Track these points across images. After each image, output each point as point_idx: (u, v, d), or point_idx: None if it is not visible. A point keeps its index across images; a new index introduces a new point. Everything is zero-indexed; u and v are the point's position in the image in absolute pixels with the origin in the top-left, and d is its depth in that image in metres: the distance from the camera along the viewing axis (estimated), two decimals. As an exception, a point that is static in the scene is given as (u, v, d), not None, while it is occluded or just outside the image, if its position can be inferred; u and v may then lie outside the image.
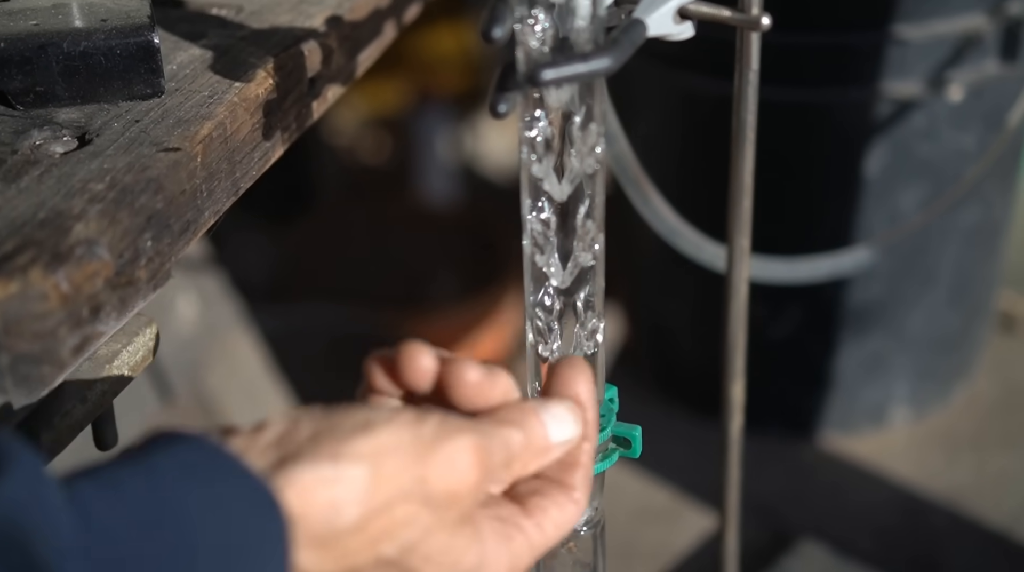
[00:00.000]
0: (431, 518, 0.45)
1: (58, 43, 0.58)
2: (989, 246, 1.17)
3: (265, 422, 0.45)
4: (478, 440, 0.46)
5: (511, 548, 0.48)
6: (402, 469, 0.45)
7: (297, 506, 0.43)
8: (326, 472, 0.43)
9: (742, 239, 0.72)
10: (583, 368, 0.50)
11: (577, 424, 0.49)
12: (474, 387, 0.48)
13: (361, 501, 0.44)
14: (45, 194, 0.53)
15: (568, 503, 0.49)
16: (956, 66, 1.03)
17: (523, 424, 0.48)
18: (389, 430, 0.45)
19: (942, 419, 1.21)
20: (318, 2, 0.70)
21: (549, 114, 0.51)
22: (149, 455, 0.42)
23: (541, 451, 0.48)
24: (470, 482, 0.46)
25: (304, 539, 0.43)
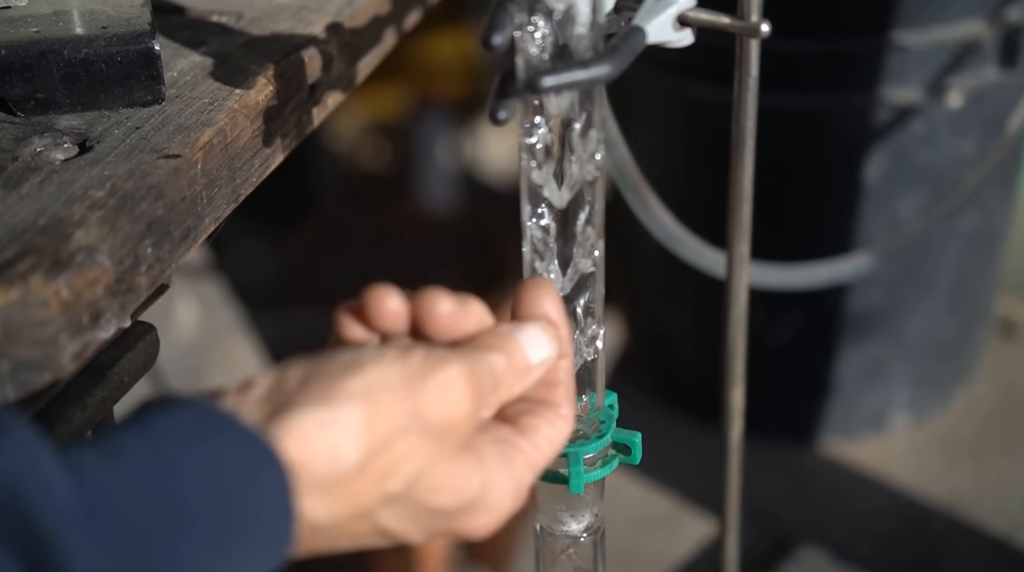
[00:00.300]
0: (432, 448, 0.46)
1: (59, 50, 0.58)
2: (989, 252, 1.17)
3: (252, 378, 0.45)
4: (466, 367, 0.46)
5: (513, 468, 0.48)
6: (396, 404, 0.45)
7: (296, 454, 0.43)
8: (321, 416, 0.43)
9: (742, 245, 0.72)
10: (549, 287, 0.51)
11: (553, 343, 0.50)
12: (448, 317, 0.48)
13: (360, 440, 0.44)
14: (46, 201, 0.53)
15: (557, 419, 0.50)
16: (955, 72, 1.03)
17: (503, 348, 0.48)
18: (378, 367, 0.45)
19: (942, 425, 1.21)
20: (318, 9, 0.70)
21: (549, 121, 0.51)
22: (145, 420, 0.42)
23: (523, 372, 0.49)
24: (465, 409, 0.46)
25: (308, 486, 0.43)
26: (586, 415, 0.55)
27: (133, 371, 0.56)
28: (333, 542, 0.46)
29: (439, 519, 0.47)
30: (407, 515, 0.46)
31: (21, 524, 0.38)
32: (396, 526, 0.46)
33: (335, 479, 0.44)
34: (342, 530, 0.45)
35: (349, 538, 0.46)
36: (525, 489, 0.49)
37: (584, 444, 0.55)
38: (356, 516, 0.45)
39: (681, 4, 0.56)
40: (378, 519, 0.46)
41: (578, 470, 0.54)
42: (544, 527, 0.57)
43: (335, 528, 0.45)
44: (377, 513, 0.46)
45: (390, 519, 0.46)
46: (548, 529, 0.57)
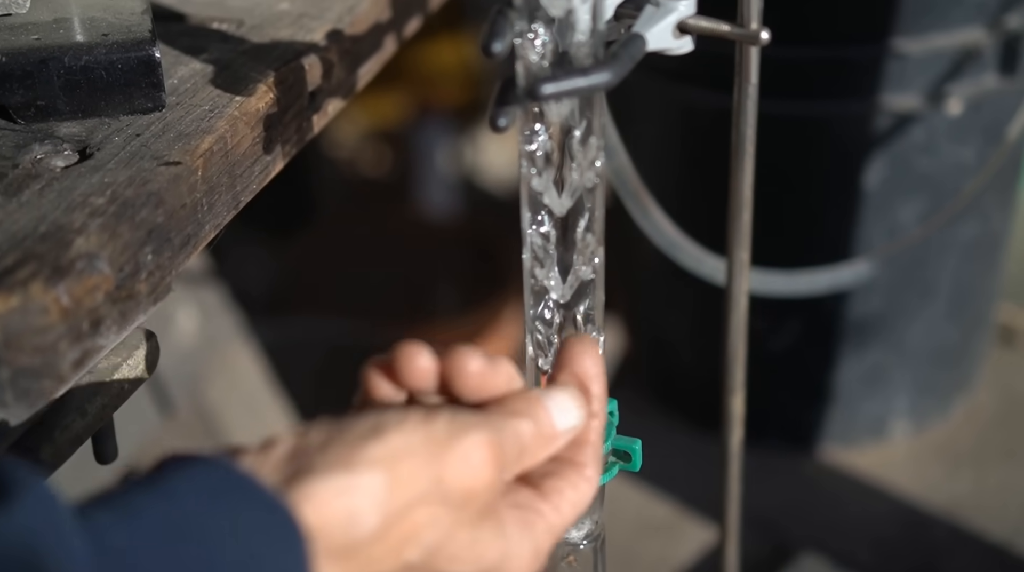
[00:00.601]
0: (452, 517, 0.45)
1: (59, 57, 0.59)
2: (988, 259, 1.17)
3: (274, 438, 0.45)
4: (490, 435, 0.46)
5: (533, 534, 0.48)
6: (417, 471, 0.44)
7: (315, 520, 0.43)
8: (341, 482, 0.43)
9: (742, 252, 0.72)
10: (591, 345, 0.51)
11: (581, 410, 0.49)
12: (477, 377, 0.48)
13: (379, 508, 0.43)
14: (46, 208, 0.53)
15: (581, 481, 0.49)
16: (955, 80, 1.03)
17: (531, 414, 0.48)
18: (400, 432, 0.45)
19: (942, 432, 1.20)
20: (319, 16, 0.70)
21: (549, 128, 0.51)
22: (163, 479, 0.42)
23: (549, 439, 0.48)
24: (486, 478, 0.46)
25: (325, 552, 0.43)
26: (586, 422, 0.55)
27: (133, 378, 0.56)
28: None
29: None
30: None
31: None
32: None
33: (353, 546, 0.43)
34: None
35: None
36: (544, 554, 0.48)
37: (584, 451, 0.54)
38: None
39: (681, 11, 0.56)
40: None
41: (578, 477, 0.54)
42: (544, 534, 0.57)
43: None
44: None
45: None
46: (548, 536, 0.57)
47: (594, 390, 0.50)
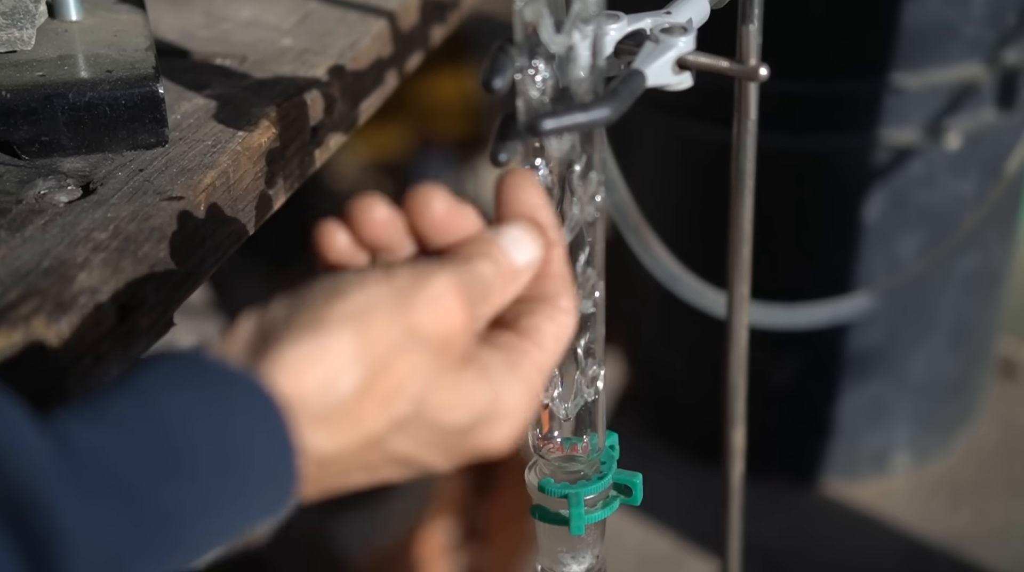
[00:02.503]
0: (432, 364, 0.44)
1: (64, 94, 0.59)
2: (988, 292, 1.17)
3: (235, 322, 0.44)
4: (455, 277, 0.45)
5: (521, 372, 0.47)
6: (387, 323, 0.43)
7: (291, 388, 0.41)
8: (310, 346, 0.42)
9: (742, 286, 0.73)
10: (528, 178, 0.49)
11: (537, 242, 0.48)
12: (442, 217, 0.47)
13: (355, 364, 0.42)
14: (49, 243, 0.53)
15: (558, 313, 0.48)
16: (954, 114, 1.04)
17: (489, 254, 0.47)
18: (362, 288, 0.44)
19: (944, 465, 1.20)
20: (321, 52, 0.71)
21: (549, 163, 0.51)
22: (130, 378, 0.41)
23: (511, 276, 0.47)
24: (458, 320, 0.45)
25: (308, 418, 0.42)
26: (587, 456, 0.55)
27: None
28: (346, 476, 0.44)
29: (455, 438, 0.45)
30: (421, 438, 0.44)
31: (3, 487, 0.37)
32: (412, 451, 0.45)
33: (335, 407, 0.42)
34: (353, 461, 0.44)
35: (363, 470, 0.44)
36: (538, 392, 0.47)
37: (585, 485, 0.55)
38: (366, 445, 0.43)
39: (680, 48, 0.56)
40: (391, 446, 0.44)
41: (579, 511, 0.54)
42: (545, 568, 0.57)
43: (345, 460, 0.43)
44: (388, 440, 0.44)
45: (403, 444, 0.44)
46: (549, 570, 0.57)
47: (543, 220, 0.49)
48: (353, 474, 0.44)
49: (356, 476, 0.45)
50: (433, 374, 0.44)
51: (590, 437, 0.55)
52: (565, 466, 0.55)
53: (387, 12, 0.75)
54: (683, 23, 0.57)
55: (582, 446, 0.55)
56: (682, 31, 0.56)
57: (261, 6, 0.76)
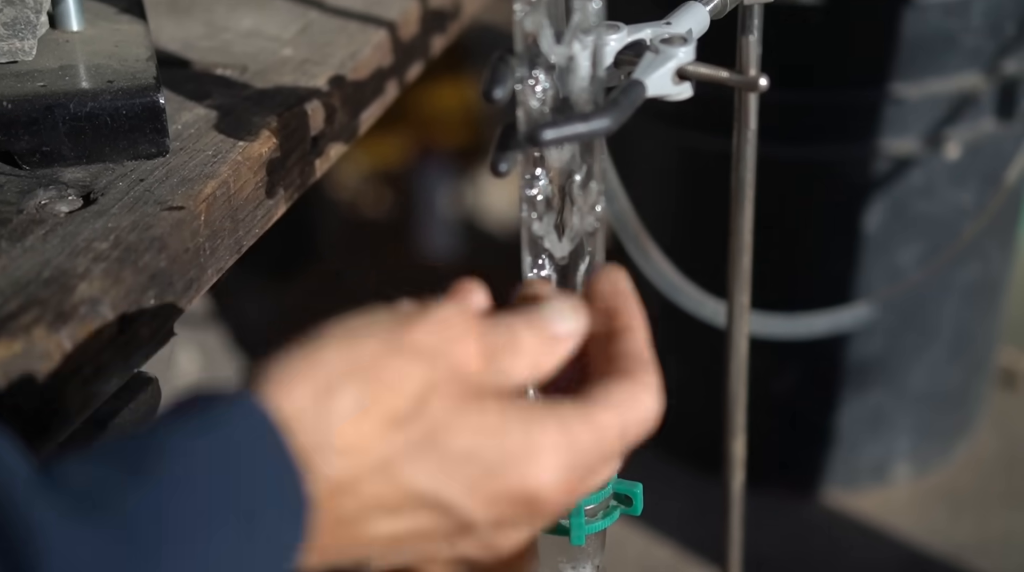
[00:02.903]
0: (440, 382, 0.42)
1: (65, 104, 0.59)
2: (988, 302, 1.17)
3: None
4: (465, 312, 0.44)
5: (569, 433, 0.43)
6: (382, 338, 0.42)
7: (285, 404, 0.40)
8: (299, 359, 0.41)
9: (742, 295, 0.73)
10: (615, 275, 0.49)
11: (579, 318, 0.47)
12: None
13: (348, 376, 0.41)
14: (50, 253, 0.53)
15: (633, 384, 0.46)
16: (953, 124, 1.04)
17: (524, 313, 0.46)
18: (362, 313, 0.43)
19: (944, 476, 1.20)
20: (321, 62, 0.71)
21: (550, 173, 0.51)
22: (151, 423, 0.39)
23: (548, 340, 0.45)
24: (468, 347, 0.43)
25: (307, 437, 0.40)
26: (587, 466, 0.55)
27: (134, 422, 0.56)
28: (367, 518, 0.41)
29: (484, 474, 0.42)
30: (441, 468, 0.42)
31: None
32: (434, 485, 0.42)
33: (335, 424, 0.40)
34: (369, 494, 0.41)
35: (385, 513, 0.41)
36: (611, 442, 0.45)
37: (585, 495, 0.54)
38: (377, 468, 0.41)
39: (680, 58, 0.56)
40: (408, 475, 0.41)
41: (579, 521, 0.54)
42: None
43: (359, 489, 0.41)
44: (402, 465, 0.41)
45: (422, 474, 0.41)
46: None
47: (621, 305, 0.48)
48: (375, 519, 0.42)
49: (379, 524, 0.42)
50: (443, 394, 0.42)
51: (590, 447, 0.55)
52: (565, 476, 0.55)
53: (387, 22, 0.75)
54: (683, 34, 0.57)
55: (582, 456, 0.55)
56: (682, 42, 0.56)
57: (262, 16, 0.76)
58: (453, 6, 0.81)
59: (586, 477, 0.44)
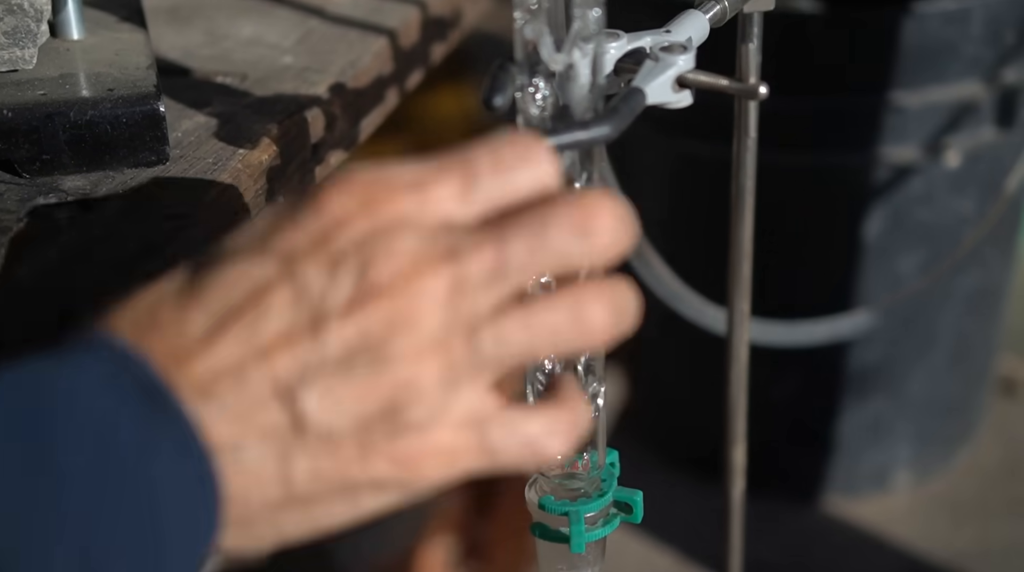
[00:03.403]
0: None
1: (65, 112, 0.59)
2: (989, 310, 1.17)
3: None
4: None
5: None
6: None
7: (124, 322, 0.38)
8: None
9: (742, 303, 0.73)
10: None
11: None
12: None
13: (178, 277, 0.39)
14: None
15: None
16: (953, 132, 1.04)
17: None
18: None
19: (945, 483, 1.20)
20: (322, 70, 0.71)
21: (550, 181, 0.51)
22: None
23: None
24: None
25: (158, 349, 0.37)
26: (587, 473, 0.55)
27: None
28: (253, 426, 0.37)
29: (366, 375, 0.37)
30: (314, 365, 0.37)
31: None
32: (318, 405, 0.37)
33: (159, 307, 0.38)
34: (247, 396, 0.37)
35: (264, 437, 0.37)
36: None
37: (585, 503, 0.54)
38: (251, 360, 0.37)
39: (680, 66, 0.56)
40: (281, 376, 0.37)
41: (579, 529, 0.54)
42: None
43: (234, 380, 0.37)
44: (275, 359, 0.37)
45: (289, 365, 0.37)
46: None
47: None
48: (263, 410, 0.37)
49: (267, 413, 0.37)
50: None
51: (590, 454, 0.55)
52: (565, 484, 0.55)
53: (388, 30, 0.75)
54: (683, 42, 0.57)
55: (582, 463, 0.55)
56: (682, 50, 0.56)
57: (262, 24, 0.76)
58: (453, 14, 0.81)
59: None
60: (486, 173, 0.41)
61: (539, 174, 0.41)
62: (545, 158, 0.42)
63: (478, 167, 0.41)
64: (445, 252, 0.39)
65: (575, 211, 0.40)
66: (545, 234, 0.40)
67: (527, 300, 0.40)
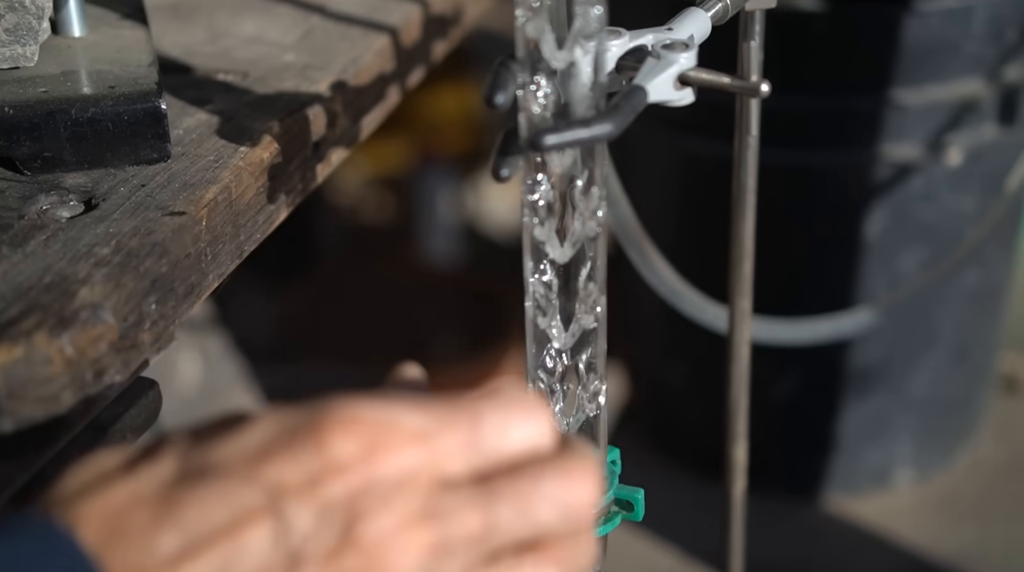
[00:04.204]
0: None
1: (66, 110, 0.59)
2: (990, 309, 1.17)
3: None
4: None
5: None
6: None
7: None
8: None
9: (743, 301, 0.73)
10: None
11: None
12: None
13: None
14: (51, 258, 0.53)
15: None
16: (954, 130, 1.04)
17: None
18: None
19: (946, 481, 1.20)
20: (323, 68, 0.71)
21: (551, 178, 0.51)
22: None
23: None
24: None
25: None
26: (588, 472, 0.55)
27: (135, 427, 0.56)
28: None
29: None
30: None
31: None
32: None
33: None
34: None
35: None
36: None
37: (586, 501, 0.54)
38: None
39: (682, 64, 0.56)
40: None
41: (580, 528, 0.54)
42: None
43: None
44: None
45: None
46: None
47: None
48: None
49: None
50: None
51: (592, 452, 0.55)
52: (566, 482, 0.55)
53: (389, 28, 0.75)
54: (685, 39, 0.57)
55: (584, 462, 0.55)
56: (684, 47, 0.56)
57: (263, 22, 0.76)
58: (455, 12, 0.81)
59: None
60: (490, 430, 0.40)
61: (536, 433, 0.41)
62: (545, 417, 0.42)
63: (484, 424, 0.40)
64: (433, 514, 0.38)
65: (561, 483, 0.40)
66: (532, 506, 0.40)
67: (496, 559, 0.40)
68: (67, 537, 0.37)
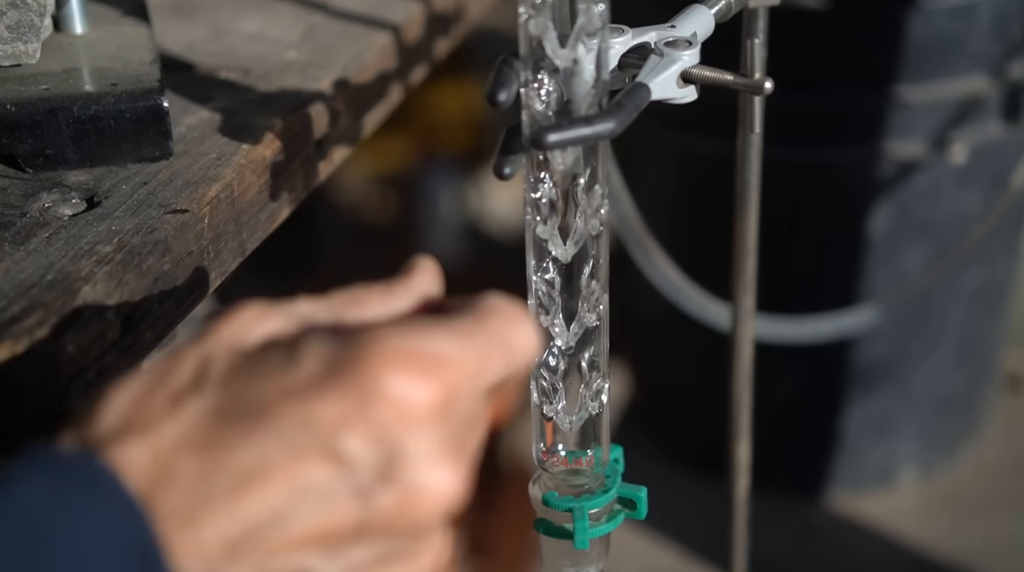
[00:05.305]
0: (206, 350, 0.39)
1: (68, 107, 0.59)
2: (994, 306, 1.17)
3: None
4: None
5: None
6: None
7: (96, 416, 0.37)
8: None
9: (746, 299, 0.73)
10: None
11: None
12: None
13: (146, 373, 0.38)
14: (53, 256, 0.53)
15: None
16: (959, 128, 1.04)
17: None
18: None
19: (950, 480, 1.20)
20: (325, 65, 0.71)
21: (553, 176, 0.51)
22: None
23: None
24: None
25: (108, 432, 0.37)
26: (591, 469, 0.55)
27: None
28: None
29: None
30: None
31: None
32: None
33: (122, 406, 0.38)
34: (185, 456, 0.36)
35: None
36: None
37: (589, 499, 0.54)
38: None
39: (685, 61, 0.56)
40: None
41: (583, 525, 0.54)
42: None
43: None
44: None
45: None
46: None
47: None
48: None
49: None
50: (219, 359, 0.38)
51: (594, 450, 0.55)
52: (569, 480, 0.55)
53: (391, 25, 0.75)
54: (687, 37, 0.57)
55: (586, 459, 0.55)
56: (686, 45, 0.56)
57: (266, 20, 0.76)
58: (457, 10, 0.81)
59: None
60: (519, 353, 0.44)
61: (536, 346, 0.45)
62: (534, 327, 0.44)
63: (514, 345, 0.44)
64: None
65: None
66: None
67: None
68: (113, 481, 0.36)
